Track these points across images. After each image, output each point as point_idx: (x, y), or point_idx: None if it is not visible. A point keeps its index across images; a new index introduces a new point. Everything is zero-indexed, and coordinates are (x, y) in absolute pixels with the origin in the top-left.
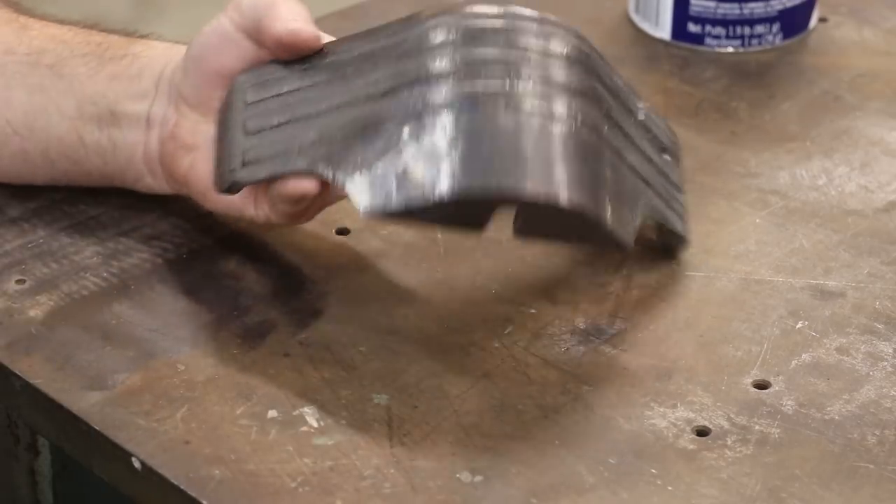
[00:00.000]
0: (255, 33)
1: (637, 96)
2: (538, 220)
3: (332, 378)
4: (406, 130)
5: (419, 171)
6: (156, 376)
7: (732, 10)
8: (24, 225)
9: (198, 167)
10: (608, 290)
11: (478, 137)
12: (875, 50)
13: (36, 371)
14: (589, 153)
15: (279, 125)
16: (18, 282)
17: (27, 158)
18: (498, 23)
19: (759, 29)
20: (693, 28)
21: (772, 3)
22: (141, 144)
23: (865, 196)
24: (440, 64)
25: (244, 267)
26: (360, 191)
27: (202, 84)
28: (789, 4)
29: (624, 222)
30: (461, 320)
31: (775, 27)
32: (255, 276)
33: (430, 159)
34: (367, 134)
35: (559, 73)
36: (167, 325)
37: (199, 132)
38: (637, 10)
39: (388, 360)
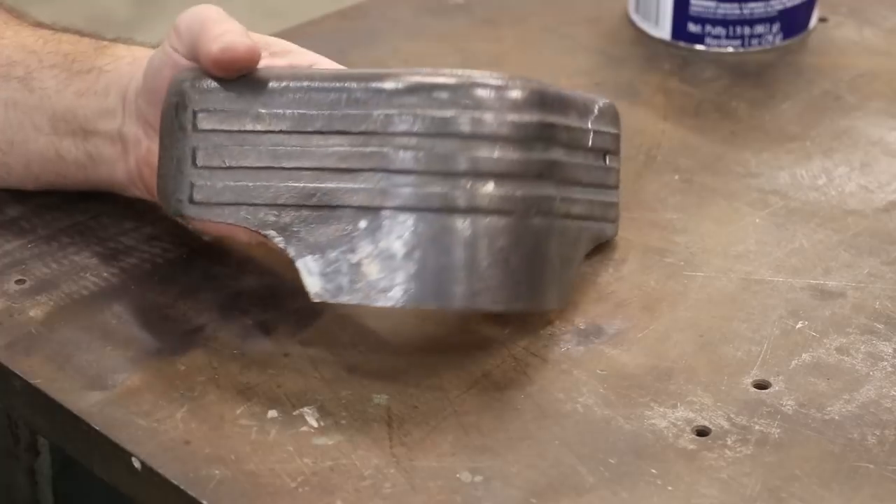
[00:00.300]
0: (194, 58)
1: (589, 111)
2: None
3: (332, 378)
4: (363, 223)
5: (373, 271)
6: (156, 376)
7: (732, 10)
8: (24, 225)
9: None
10: (608, 290)
11: (431, 250)
12: (875, 50)
13: (36, 371)
14: (537, 241)
15: (231, 168)
16: (18, 282)
17: (11, 172)
18: (454, 110)
19: (759, 29)
20: (693, 28)
21: (772, 3)
22: (120, 161)
23: (865, 196)
24: (402, 158)
25: (244, 267)
26: (311, 275)
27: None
28: (789, 4)
29: (564, 289)
30: (461, 320)
31: (775, 27)
32: (255, 276)
33: (385, 263)
34: (322, 213)
35: (515, 160)
36: (167, 325)
37: None
38: (637, 10)
39: (388, 360)
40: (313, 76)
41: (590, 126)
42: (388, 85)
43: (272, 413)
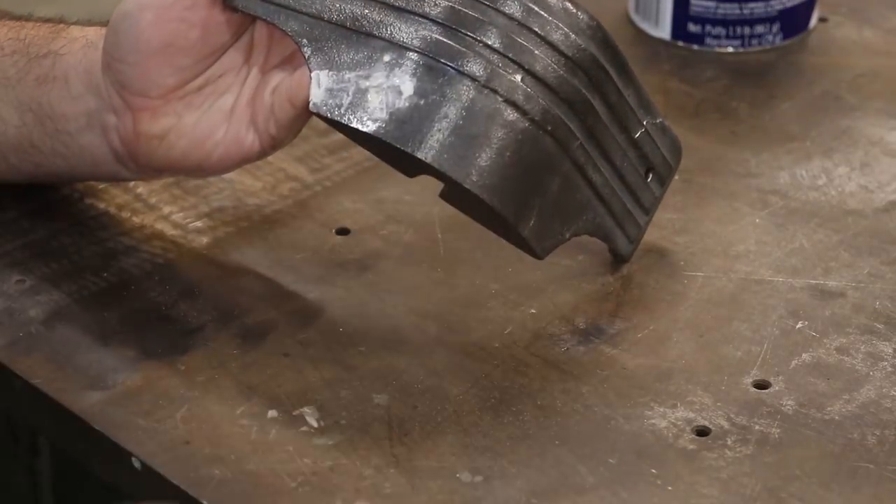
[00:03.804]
0: None
1: (650, 111)
2: (462, 195)
3: (332, 378)
4: (388, 57)
5: (374, 101)
6: (156, 376)
7: (732, 10)
8: (24, 225)
9: (179, 147)
10: (608, 290)
11: (437, 104)
12: (875, 50)
13: (36, 371)
14: (540, 160)
15: None
16: (18, 282)
17: None
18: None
19: (759, 29)
20: (693, 28)
21: (772, 3)
22: (102, 146)
23: (865, 196)
24: (454, 15)
25: (244, 267)
26: (319, 87)
27: (149, 69)
28: (789, 4)
29: (546, 234)
30: (461, 320)
31: (775, 27)
32: (255, 276)
33: (389, 97)
34: (357, 37)
35: (552, 69)
36: (167, 324)
37: (164, 115)
38: (637, 10)
39: (388, 360)
40: None
41: (645, 123)
42: None
43: (272, 413)
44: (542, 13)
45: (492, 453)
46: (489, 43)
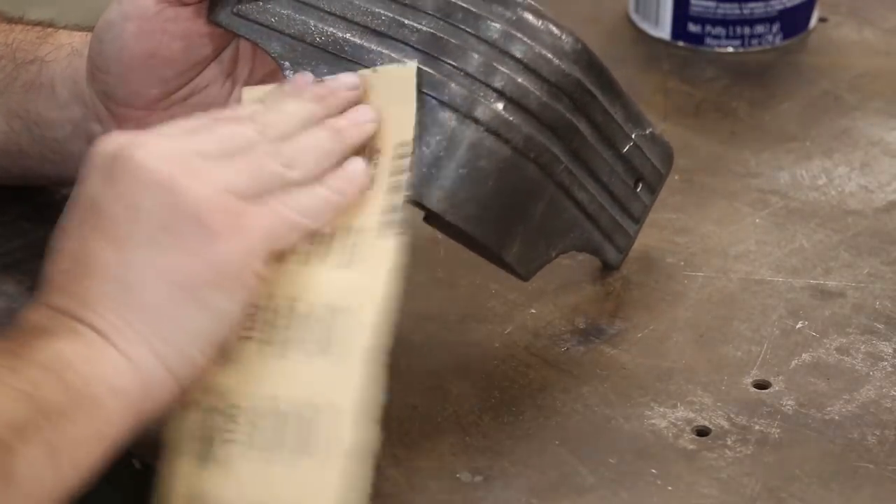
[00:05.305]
0: None
1: (639, 123)
2: (445, 223)
3: None
4: None
5: None
6: None
7: (732, 10)
8: (24, 225)
9: None
10: (608, 290)
11: (418, 136)
12: (875, 50)
13: None
14: (523, 188)
15: None
16: (18, 282)
17: None
18: (501, 23)
19: (759, 29)
20: (693, 28)
21: (772, 3)
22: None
23: (865, 196)
24: (434, 43)
25: None
26: None
27: (132, 79)
28: (789, 4)
29: (531, 258)
30: (461, 320)
31: (775, 27)
32: None
33: None
34: (339, 63)
35: (534, 95)
36: None
37: (148, 125)
38: (637, 10)
39: (388, 360)
40: None
41: (633, 136)
42: None
43: None
44: (525, 38)
45: (492, 453)
46: (470, 71)
